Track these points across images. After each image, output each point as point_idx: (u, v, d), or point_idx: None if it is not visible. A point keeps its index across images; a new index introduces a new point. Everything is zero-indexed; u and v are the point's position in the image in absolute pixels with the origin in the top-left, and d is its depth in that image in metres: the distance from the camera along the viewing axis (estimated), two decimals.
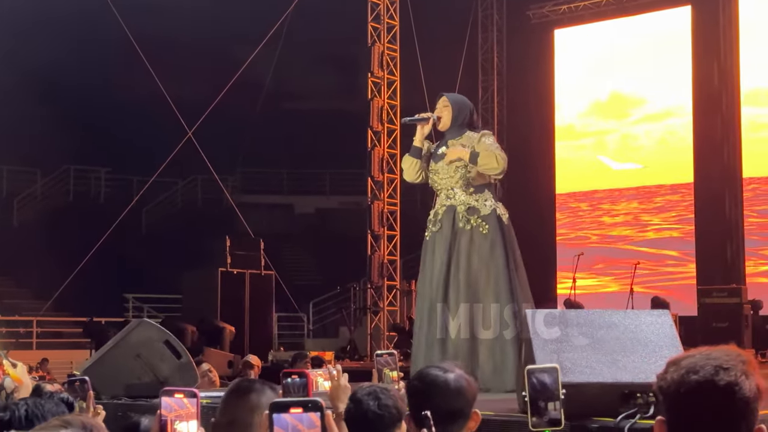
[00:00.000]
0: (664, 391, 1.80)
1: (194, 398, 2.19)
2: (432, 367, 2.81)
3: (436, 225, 6.20)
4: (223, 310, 13.25)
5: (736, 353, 1.80)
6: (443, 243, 6.06)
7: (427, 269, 6.08)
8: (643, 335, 4.07)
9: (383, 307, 16.72)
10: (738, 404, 1.74)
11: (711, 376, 1.75)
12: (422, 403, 2.71)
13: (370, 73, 16.80)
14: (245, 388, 2.80)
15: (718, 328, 12.59)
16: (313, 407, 1.74)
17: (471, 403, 2.74)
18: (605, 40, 17.43)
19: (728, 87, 15.97)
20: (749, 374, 1.76)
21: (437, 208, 6.30)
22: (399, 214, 17.00)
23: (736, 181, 15.81)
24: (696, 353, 1.82)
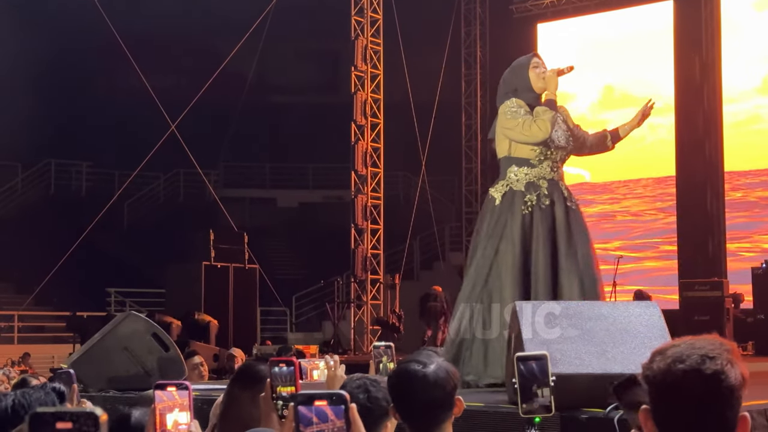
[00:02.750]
0: (650, 380, 1.81)
1: (186, 391, 2.19)
2: (411, 361, 2.82)
3: (542, 199, 5.76)
4: (207, 304, 13.22)
5: (720, 342, 1.82)
6: (548, 220, 5.72)
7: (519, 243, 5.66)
8: (632, 326, 4.09)
9: (367, 301, 16.73)
10: (724, 392, 1.76)
11: (697, 365, 1.76)
12: (403, 397, 2.72)
13: (353, 66, 16.78)
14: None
15: (699, 321, 12.64)
16: (338, 400, 1.75)
17: (452, 392, 2.75)
18: (588, 34, 17.48)
19: (710, 82, 16.04)
20: (734, 363, 1.78)
21: (533, 179, 5.83)
22: (382, 207, 17.00)
23: (717, 175, 15.89)
24: (681, 343, 1.83)
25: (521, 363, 2.94)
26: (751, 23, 15.98)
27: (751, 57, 15.91)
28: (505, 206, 5.80)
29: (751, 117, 16.07)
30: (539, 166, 5.84)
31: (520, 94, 5.96)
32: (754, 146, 15.86)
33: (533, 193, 5.76)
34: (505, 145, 5.96)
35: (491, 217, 5.85)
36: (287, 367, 2.68)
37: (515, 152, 5.90)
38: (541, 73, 5.97)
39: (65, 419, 1.34)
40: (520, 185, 5.80)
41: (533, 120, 5.76)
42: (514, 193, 5.80)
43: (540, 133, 5.73)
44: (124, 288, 17.75)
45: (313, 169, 22.08)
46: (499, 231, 5.74)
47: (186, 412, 2.20)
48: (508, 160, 5.94)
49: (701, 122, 16.04)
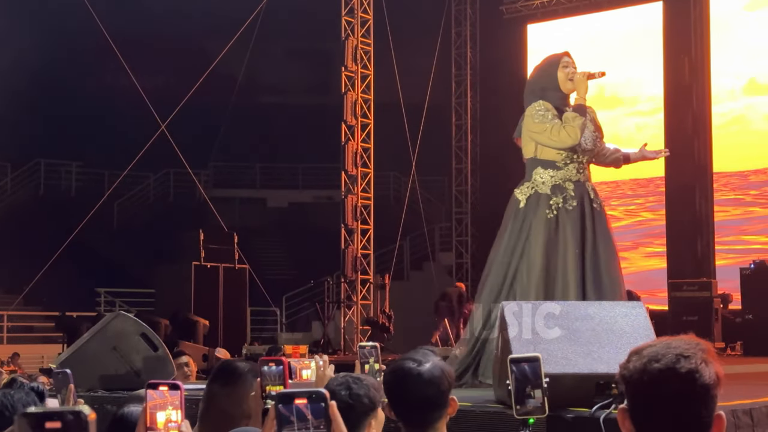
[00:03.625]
0: (627, 379, 1.84)
1: (177, 390, 2.21)
2: (406, 359, 2.84)
3: (568, 201, 5.70)
4: (197, 304, 13.22)
5: (695, 342, 1.85)
6: (575, 222, 5.65)
7: (547, 246, 5.61)
8: (618, 326, 4.12)
9: (357, 301, 16.73)
10: (698, 391, 1.79)
11: (672, 364, 1.79)
12: (397, 395, 2.74)
13: (343, 67, 16.79)
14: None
15: (688, 321, 12.68)
16: (318, 398, 1.77)
17: (447, 391, 2.77)
18: (578, 35, 17.52)
19: (699, 82, 16.10)
20: (709, 362, 1.81)
21: (558, 181, 5.79)
22: (372, 208, 17.01)
23: (706, 175, 15.95)
24: (657, 342, 1.87)
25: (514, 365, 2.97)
26: (739, 24, 16.04)
27: (740, 57, 15.97)
28: (530, 209, 5.77)
29: (740, 117, 16.13)
30: (565, 168, 5.80)
31: (547, 93, 5.92)
32: (743, 147, 15.92)
33: (559, 196, 5.73)
34: (531, 146, 5.92)
35: (515, 220, 5.83)
36: (276, 366, 2.69)
37: (541, 154, 5.86)
38: (570, 73, 5.95)
39: (54, 419, 1.36)
40: (546, 188, 5.77)
41: (562, 125, 5.71)
42: (540, 196, 5.77)
43: (569, 139, 5.70)
44: (113, 288, 17.73)
45: (303, 169, 22.08)
46: (525, 234, 5.71)
47: (177, 411, 2.22)
48: (534, 161, 5.90)
49: (690, 123, 16.10)
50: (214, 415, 2.95)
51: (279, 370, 2.69)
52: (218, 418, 2.92)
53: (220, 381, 3.04)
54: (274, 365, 2.70)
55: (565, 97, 5.96)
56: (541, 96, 5.91)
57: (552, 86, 5.89)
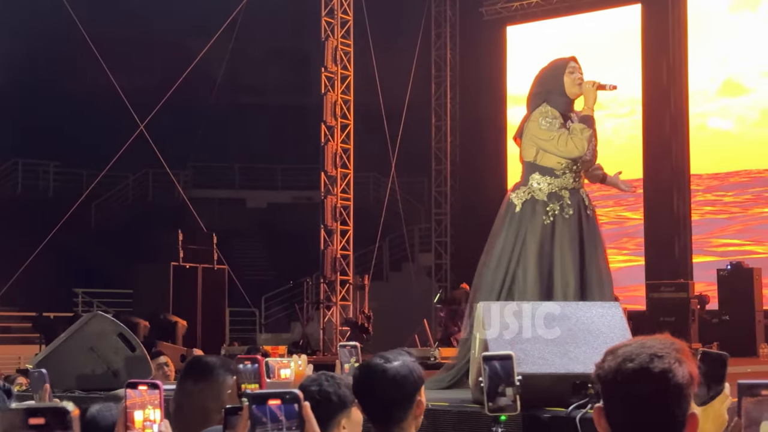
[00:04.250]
0: (602, 379, 1.87)
1: (156, 390, 2.21)
2: (376, 357, 2.85)
3: (565, 209, 5.70)
4: (176, 305, 13.19)
5: (670, 342, 1.88)
6: (572, 229, 5.65)
7: (541, 256, 5.59)
8: (595, 327, 4.14)
9: (336, 302, 16.73)
10: (672, 390, 1.81)
11: (646, 363, 1.82)
12: (364, 392, 2.74)
13: (323, 67, 16.79)
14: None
15: (665, 322, 12.77)
16: (291, 399, 1.77)
17: (412, 392, 2.77)
18: (557, 37, 17.59)
19: (677, 85, 16.21)
20: (682, 361, 1.84)
21: (555, 189, 5.75)
22: (352, 209, 17.02)
23: (684, 177, 16.06)
24: (632, 342, 1.90)
25: (487, 363, 2.98)
26: (717, 26, 16.15)
27: (717, 60, 16.09)
28: (526, 215, 5.75)
29: (717, 119, 16.25)
30: (562, 176, 5.79)
31: (552, 97, 5.88)
32: (720, 148, 16.04)
33: (556, 203, 5.73)
34: (532, 151, 5.88)
35: (510, 224, 5.79)
36: (252, 364, 2.70)
37: (541, 161, 5.83)
38: (577, 79, 5.93)
39: (38, 415, 1.36)
40: (543, 195, 5.75)
41: (570, 136, 5.70)
42: (536, 202, 5.75)
43: (576, 151, 5.70)
44: (91, 288, 17.64)
45: (282, 170, 22.05)
46: (521, 240, 5.69)
47: (156, 411, 2.22)
48: (533, 166, 5.87)
49: (668, 125, 16.21)
50: (189, 413, 2.93)
51: (255, 369, 2.69)
52: (193, 415, 2.90)
53: (192, 377, 3.00)
54: (250, 363, 2.70)
55: (570, 103, 5.95)
56: (545, 99, 5.90)
57: (558, 90, 5.87)
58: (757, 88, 15.74)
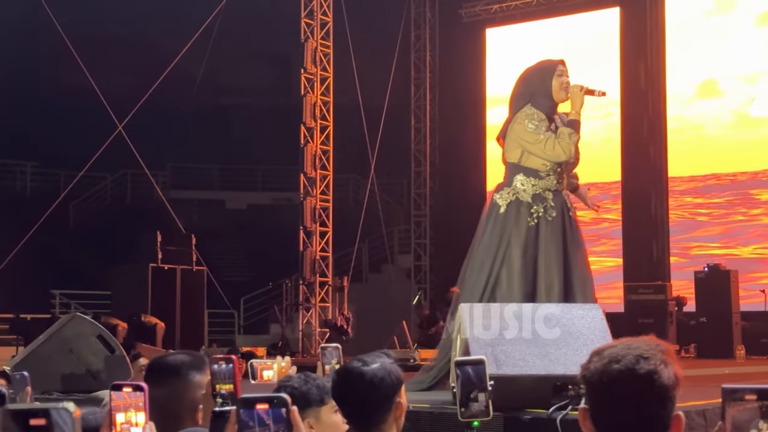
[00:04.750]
0: (588, 380, 1.87)
1: (141, 392, 2.19)
2: (355, 359, 2.85)
3: (548, 211, 5.73)
4: (154, 306, 13.12)
5: (655, 343, 1.89)
6: (556, 231, 5.69)
7: (526, 256, 5.61)
8: (575, 329, 4.16)
9: (315, 304, 16.71)
10: (657, 391, 1.82)
11: (632, 365, 1.82)
12: (342, 396, 2.74)
13: (303, 69, 16.77)
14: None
15: (643, 324, 12.84)
16: (279, 403, 1.77)
17: (391, 394, 2.76)
18: (536, 39, 17.65)
19: (654, 88, 16.30)
20: (668, 363, 1.85)
21: (539, 190, 5.80)
22: (331, 210, 17.00)
23: (661, 179, 16.15)
24: (618, 344, 1.90)
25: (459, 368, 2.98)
26: (695, 30, 16.25)
27: (695, 63, 16.19)
28: (511, 216, 5.75)
29: (695, 122, 16.35)
30: (546, 178, 5.81)
31: (537, 99, 5.88)
32: (698, 151, 16.14)
33: (540, 205, 5.74)
34: (517, 152, 5.88)
35: (495, 225, 5.79)
36: (226, 364, 2.68)
37: (526, 162, 5.84)
38: (564, 83, 5.93)
39: (39, 416, 1.36)
40: (527, 196, 5.76)
41: (557, 140, 5.71)
42: (520, 204, 5.76)
43: (563, 155, 5.72)
44: (69, 290, 17.54)
45: (261, 171, 22.00)
46: (505, 241, 5.69)
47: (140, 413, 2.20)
48: (517, 167, 5.87)
49: (646, 128, 16.30)
50: (158, 420, 2.87)
51: (229, 369, 2.67)
52: (164, 422, 2.84)
53: (156, 381, 2.92)
54: (224, 363, 2.69)
55: (555, 105, 5.95)
56: (530, 100, 5.89)
57: (544, 93, 5.87)
58: (733, 91, 15.85)
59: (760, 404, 1.64)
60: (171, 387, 2.83)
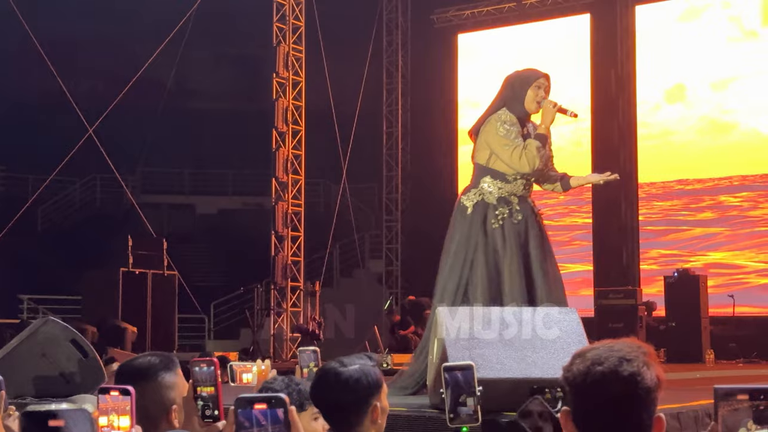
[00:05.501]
0: (570, 382, 1.88)
1: (128, 396, 2.18)
2: (333, 360, 2.84)
3: (514, 215, 5.76)
4: (125, 311, 13.03)
5: (637, 345, 1.90)
6: (521, 234, 5.71)
7: (489, 260, 5.63)
8: (552, 332, 4.18)
9: (287, 308, 16.67)
10: (640, 393, 1.83)
11: (615, 366, 1.83)
12: (319, 396, 2.74)
13: (275, 73, 16.74)
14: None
15: (613, 328, 12.91)
16: (277, 403, 1.77)
17: (366, 396, 2.76)
18: (508, 45, 17.74)
19: (625, 94, 16.43)
20: (650, 365, 1.85)
21: (505, 194, 5.82)
22: (303, 215, 16.98)
23: (631, 185, 16.27)
24: (600, 345, 1.90)
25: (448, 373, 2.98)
26: (664, 36, 16.40)
27: (665, 69, 16.33)
28: (477, 218, 5.77)
29: (665, 129, 16.48)
30: (513, 183, 5.82)
31: (512, 104, 5.92)
32: (667, 157, 16.28)
33: (505, 208, 5.76)
34: (485, 153, 5.89)
35: (462, 227, 5.81)
36: (208, 367, 2.67)
37: (494, 164, 5.85)
38: (540, 96, 5.94)
39: (57, 417, 1.36)
40: (493, 198, 5.78)
41: (524, 150, 5.73)
42: (487, 206, 5.78)
43: (527, 166, 5.74)
44: (38, 295, 17.38)
45: (232, 176, 21.93)
46: (473, 243, 5.71)
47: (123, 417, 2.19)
48: (485, 169, 5.89)
49: (616, 133, 16.42)
50: None
51: (210, 371, 2.66)
52: (136, 423, 2.80)
53: (124, 384, 2.89)
54: (206, 366, 2.67)
55: (527, 115, 5.99)
56: (505, 104, 5.93)
57: (518, 100, 5.91)
58: (704, 97, 16.00)
59: (751, 404, 1.65)
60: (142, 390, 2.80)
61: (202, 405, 2.62)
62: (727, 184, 15.78)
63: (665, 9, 16.44)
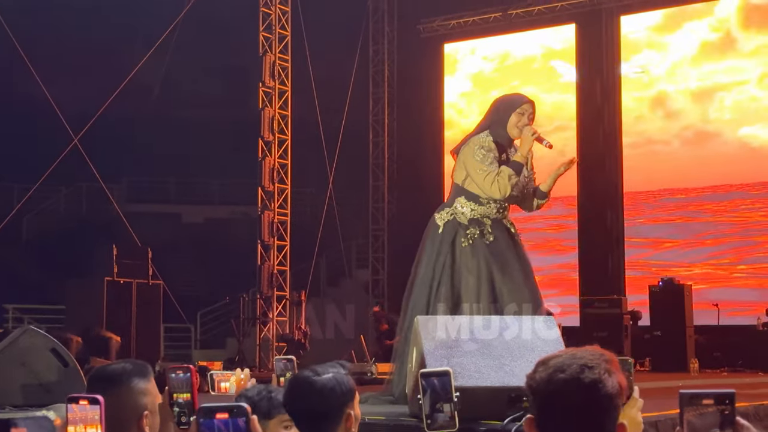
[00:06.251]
0: (534, 389, 1.89)
1: (98, 405, 2.17)
2: (307, 369, 2.85)
3: (485, 235, 5.80)
4: (110, 320, 12.97)
5: (599, 353, 1.91)
6: (492, 252, 5.75)
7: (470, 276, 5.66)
8: (530, 340, 4.19)
9: (272, 318, 16.65)
10: (602, 400, 1.85)
11: (577, 374, 1.85)
12: (293, 405, 2.74)
13: (261, 82, 16.75)
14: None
15: (599, 337, 12.92)
16: (239, 412, 1.77)
17: (340, 405, 2.76)
18: (494, 55, 17.80)
19: (610, 103, 16.50)
20: (612, 372, 1.87)
21: (478, 216, 5.86)
22: (289, 224, 16.97)
23: (617, 194, 16.33)
24: (563, 353, 1.92)
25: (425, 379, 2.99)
26: (649, 45, 16.48)
27: (649, 78, 16.41)
28: (447, 237, 5.80)
29: (649, 138, 16.55)
30: (486, 205, 5.86)
31: (495, 127, 5.95)
32: (652, 166, 16.34)
33: (476, 228, 5.79)
34: (462, 174, 5.93)
35: (433, 245, 5.84)
36: (184, 373, 2.67)
37: (468, 185, 5.88)
38: (522, 123, 5.95)
39: (19, 425, 1.36)
40: (465, 218, 5.81)
41: (497, 177, 5.76)
42: (458, 225, 5.81)
43: (497, 193, 5.77)
44: (22, 304, 17.31)
45: (219, 185, 21.90)
46: (441, 261, 5.74)
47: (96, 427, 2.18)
48: (460, 189, 5.92)
49: (602, 143, 16.48)
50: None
51: (186, 378, 2.67)
52: (106, 428, 2.79)
53: (96, 390, 2.87)
54: (182, 372, 2.68)
55: (510, 140, 6.02)
56: (489, 127, 5.97)
57: (501, 124, 5.94)
58: (687, 106, 16.09)
59: (716, 408, 1.66)
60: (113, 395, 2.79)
61: (178, 411, 2.62)
62: (712, 192, 15.85)
63: (649, 18, 16.53)
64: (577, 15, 16.95)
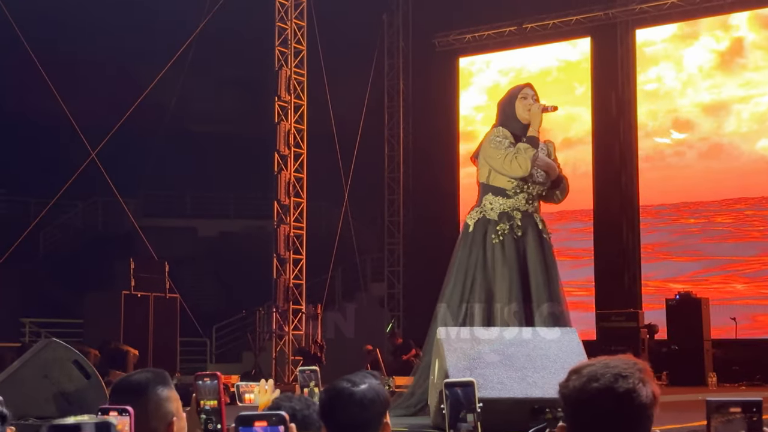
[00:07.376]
0: (566, 398, 1.88)
1: (127, 415, 2.18)
2: (342, 380, 2.85)
3: (515, 230, 5.83)
4: (127, 333, 13.03)
5: (633, 362, 1.90)
6: (521, 249, 5.79)
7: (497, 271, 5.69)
8: (552, 352, 4.19)
9: (288, 332, 16.65)
10: (636, 410, 1.83)
11: (610, 383, 1.84)
12: (331, 416, 2.74)
13: (276, 97, 16.81)
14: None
15: (616, 351, 12.83)
16: (278, 420, 1.78)
17: (379, 415, 2.77)
18: (509, 69, 17.82)
19: (626, 117, 16.48)
20: (646, 381, 1.86)
21: (507, 209, 5.89)
22: (305, 237, 16.99)
23: (633, 208, 16.28)
24: (596, 362, 1.91)
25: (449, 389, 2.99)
26: (664, 59, 16.46)
27: (665, 92, 16.39)
28: (477, 236, 5.87)
29: (665, 151, 16.52)
30: (515, 197, 5.91)
31: (507, 122, 6.06)
32: (668, 180, 16.30)
33: (506, 223, 5.82)
34: (485, 170, 6.03)
35: (464, 246, 5.92)
36: (211, 380, 2.68)
37: (493, 180, 5.96)
38: (527, 105, 6.08)
39: (82, 431, 1.38)
40: (494, 214, 5.87)
41: (515, 155, 5.83)
42: (488, 222, 5.86)
43: (519, 170, 5.83)
44: (40, 318, 17.37)
45: (234, 199, 21.96)
46: (473, 260, 5.79)
47: None
48: (486, 187, 6.01)
49: (617, 157, 16.45)
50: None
51: (213, 385, 2.67)
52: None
53: (121, 402, 2.86)
54: (209, 380, 2.69)
55: (524, 127, 6.11)
56: (501, 123, 6.07)
57: (511, 116, 6.07)
58: (703, 120, 16.05)
59: (743, 416, 1.66)
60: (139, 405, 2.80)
61: (205, 419, 2.63)
62: (729, 206, 15.79)
63: (665, 32, 16.52)
64: (592, 29, 16.95)
